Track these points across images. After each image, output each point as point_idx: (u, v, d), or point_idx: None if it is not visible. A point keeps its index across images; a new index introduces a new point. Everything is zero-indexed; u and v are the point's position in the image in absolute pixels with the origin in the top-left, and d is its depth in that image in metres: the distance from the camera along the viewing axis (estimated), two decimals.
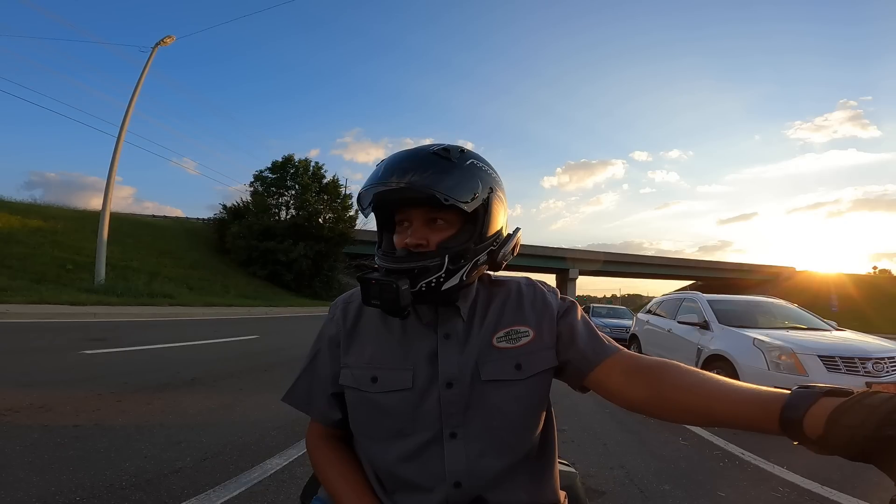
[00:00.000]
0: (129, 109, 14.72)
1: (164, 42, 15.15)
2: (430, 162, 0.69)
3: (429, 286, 0.68)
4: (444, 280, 0.69)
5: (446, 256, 0.68)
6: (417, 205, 0.71)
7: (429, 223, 0.71)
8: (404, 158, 0.71)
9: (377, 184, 0.70)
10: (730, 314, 5.16)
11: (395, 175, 0.68)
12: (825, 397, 0.47)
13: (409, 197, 0.70)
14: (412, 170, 0.68)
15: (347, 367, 0.75)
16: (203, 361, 5.40)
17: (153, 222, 25.87)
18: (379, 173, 0.71)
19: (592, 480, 2.48)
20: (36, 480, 2.00)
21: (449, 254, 0.69)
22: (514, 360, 0.73)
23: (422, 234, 0.70)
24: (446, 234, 0.71)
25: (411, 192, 0.67)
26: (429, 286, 0.68)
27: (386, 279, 0.67)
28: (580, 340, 0.75)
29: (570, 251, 41.48)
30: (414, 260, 0.69)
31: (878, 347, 4.13)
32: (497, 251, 0.74)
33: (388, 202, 0.73)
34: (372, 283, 0.68)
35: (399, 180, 0.68)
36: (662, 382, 0.65)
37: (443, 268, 0.68)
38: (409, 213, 0.72)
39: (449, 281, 0.69)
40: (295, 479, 2.25)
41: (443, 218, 0.71)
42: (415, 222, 0.72)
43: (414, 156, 0.71)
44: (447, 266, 0.68)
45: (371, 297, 0.68)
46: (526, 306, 0.77)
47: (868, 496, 2.43)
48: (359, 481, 0.73)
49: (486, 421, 0.70)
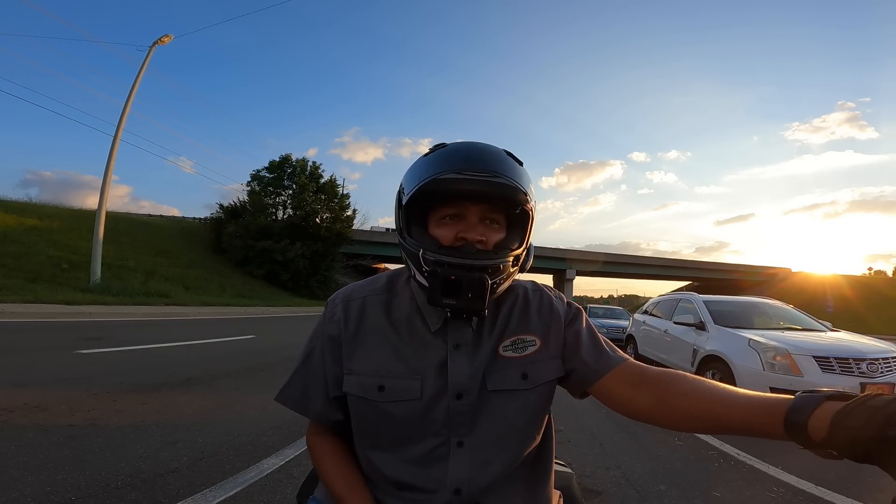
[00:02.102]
0: (126, 108, 14.65)
1: (161, 41, 15.08)
2: (511, 162, 0.68)
3: (492, 287, 0.65)
4: (502, 283, 0.68)
5: (510, 258, 0.68)
6: (480, 200, 0.67)
7: (483, 222, 0.69)
8: (491, 153, 0.68)
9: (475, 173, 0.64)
10: (726, 315, 5.18)
11: (493, 168, 0.65)
12: (828, 401, 0.48)
13: (484, 192, 0.65)
14: (505, 167, 0.66)
15: (352, 373, 0.72)
16: (199, 361, 5.38)
17: (149, 221, 25.76)
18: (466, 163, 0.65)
19: (589, 481, 2.49)
20: (31, 480, 1.99)
21: (511, 255, 0.68)
22: (520, 369, 0.71)
23: (481, 231, 0.68)
24: (499, 235, 0.70)
25: (503, 189, 0.65)
26: (492, 287, 0.65)
27: (470, 273, 0.63)
28: (585, 350, 0.74)
29: (567, 252, 41.52)
30: (487, 257, 0.66)
31: (872, 348, 4.16)
32: (526, 260, 0.74)
33: (448, 193, 0.67)
34: (451, 277, 0.63)
35: (498, 175, 0.65)
36: (668, 391, 0.64)
37: (507, 270, 0.68)
38: (465, 207, 0.68)
39: (503, 285, 0.68)
40: (291, 479, 2.24)
41: (496, 219, 0.70)
42: (470, 218, 0.68)
43: (496, 152, 0.69)
44: (510, 269, 0.68)
45: (447, 294, 0.63)
46: (532, 313, 0.76)
47: (862, 496, 2.44)
48: (355, 478, 0.72)
49: (492, 430, 0.70)
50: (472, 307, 0.64)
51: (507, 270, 0.68)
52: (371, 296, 0.76)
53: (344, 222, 28.38)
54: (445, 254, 0.66)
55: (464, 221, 0.68)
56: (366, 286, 0.78)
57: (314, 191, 27.55)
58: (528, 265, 0.76)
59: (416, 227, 0.71)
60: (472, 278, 0.63)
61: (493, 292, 0.67)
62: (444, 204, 0.68)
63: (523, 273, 0.77)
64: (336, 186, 28.68)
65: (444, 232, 0.68)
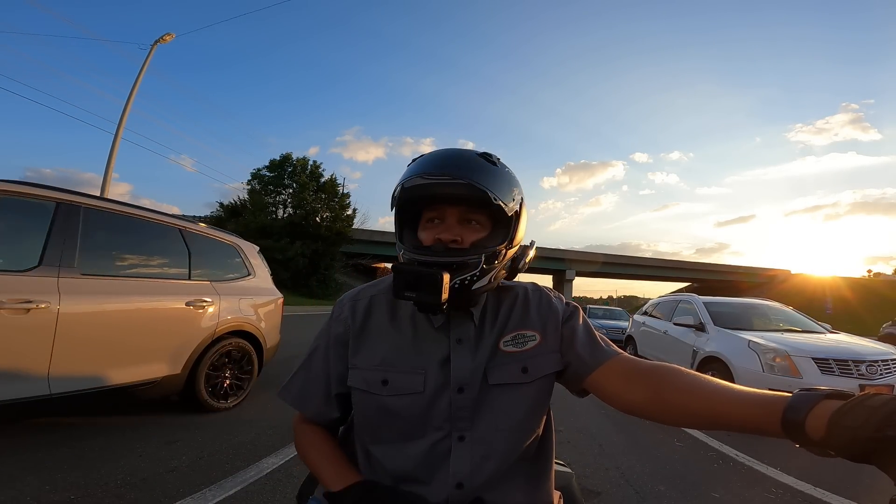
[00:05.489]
0: (127, 106, 14.65)
1: (163, 39, 15.08)
2: (479, 163, 0.71)
3: (462, 283, 0.68)
4: (477, 279, 0.69)
5: (483, 255, 0.69)
6: (455, 203, 0.71)
7: (462, 222, 0.72)
8: (454, 156, 0.71)
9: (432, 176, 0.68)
10: (725, 316, 5.19)
11: (450, 171, 0.68)
12: (827, 399, 0.48)
13: (450, 193, 0.69)
14: (465, 168, 0.69)
15: (356, 368, 0.74)
16: None
17: None
18: (429, 167, 0.70)
19: (588, 481, 2.49)
20: (30, 479, 1.99)
21: (486, 253, 0.69)
22: (520, 363, 0.73)
23: (457, 232, 0.71)
24: (480, 234, 0.73)
25: (464, 188, 0.68)
26: (462, 283, 0.68)
27: (426, 269, 0.65)
28: (579, 344, 0.76)
29: (567, 252, 41.53)
30: (452, 255, 0.69)
31: (871, 350, 4.16)
32: (520, 259, 0.76)
33: (424, 198, 0.71)
34: (408, 272, 0.65)
35: (455, 176, 0.68)
36: (662, 385, 0.65)
37: (479, 266, 0.69)
38: (444, 210, 0.72)
39: (480, 281, 0.69)
40: (291, 479, 2.25)
41: (477, 219, 0.72)
42: (449, 219, 0.72)
43: (463, 155, 0.72)
44: (482, 265, 0.69)
45: (407, 288, 0.65)
46: (532, 311, 0.78)
47: (860, 497, 2.44)
48: (338, 458, 0.74)
49: (493, 424, 0.71)
50: (428, 300, 0.65)
51: (479, 267, 0.69)
52: (377, 295, 0.79)
53: (344, 222, 28.37)
54: (418, 252, 0.70)
55: (444, 223, 0.72)
56: (372, 287, 0.82)
57: (314, 190, 27.55)
58: (523, 263, 0.77)
59: (409, 230, 0.77)
60: (426, 273, 0.65)
61: (469, 289, 0.69)
62: (428, 208, 0.73)
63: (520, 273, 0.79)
64: (336, 186, 28.69)
65: (426, 234, 0.73)
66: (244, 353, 3.53)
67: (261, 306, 3.78)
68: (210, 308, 3.20)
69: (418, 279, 0.65)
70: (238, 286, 3.61)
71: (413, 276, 0.65)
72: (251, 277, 3.81)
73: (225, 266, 3.61)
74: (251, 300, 3.67)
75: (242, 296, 3.58)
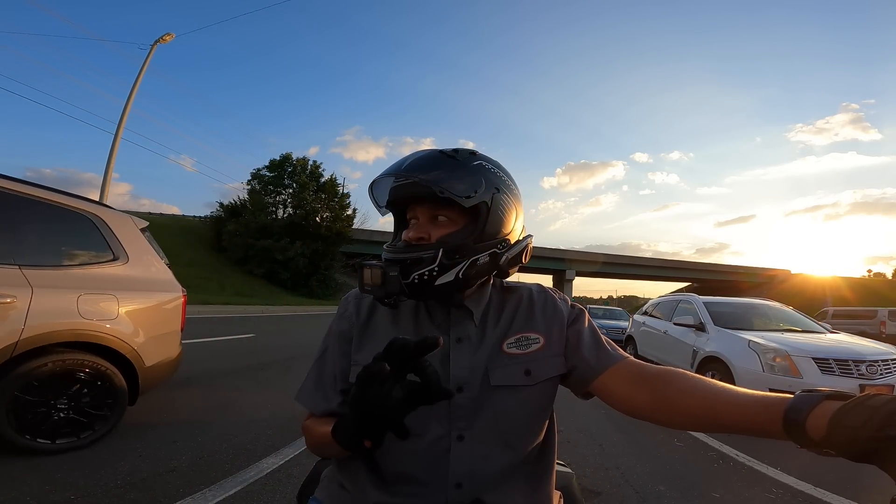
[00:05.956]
0: (127, 106, 14.65)
1: (163, 39, 15.08)
2: (436, 159, 0.72)
3: (421, 279, 0.68)
4: (438, 274, 0.68)
5: (441, 250, 0.69)
6: (423, 201, 0.73)
7: (433, 220, 0.74)
8: (412, 156, 0.74)
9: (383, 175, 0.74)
10: (725, 316, 5.19)
11: (402, 170, 0.72)
12: (827, 400, 0.48)
13: (414, 193, 0.72)
14: (418, 166, 0.71)
15: (359, 364, 0.74)
16: (198, 360, 5.38)
17: (149, 219, 25.60)
18: (386, 171, 0.74)
19: (588, 481, 2.49)
20: (30, 479, 1.99)
21: (444, 248, 0.69)
22: (523, 365, 0.73)
23: (425, 230, 0.73)
24: (447, 230, 0.73)
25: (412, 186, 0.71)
26: (421, 279, 0.68)
27: (377, 264, 0.70)
28: (585, 348, 0.75)
29: (567, 252, 41.52)
30: (409, 251, 0.71)
31: (871, 350, 4.16)
32: (501, 254, 0.73)
33: (398, 199, 0.76)
34: (364, 268, 0.70)
35: (400, 176, 0.72)
36: (667, 389, 0.65)
37: (436, 261, 0.68)
38: (416, 209, 0.75)
39: (443, 276, 0.69)
40: (291, 479, 2.25)
41: (445, 215, 0.73)
42: (420, 218, 0.74)
43: (421, 154, 0.74)
44: (441, 260, 0.68)
45: (363, 283, 0.71)
46: (537, 313, 0.78)
47: (860, 497, 2.44)
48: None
49: (493, 425, 0.71)
50: (378, 294, 0.69)
51: (436, 262, 0.68)
52: None
53: (344, 221, 28.40)
54: (387, 251, 0.74)
55: (417, 222, 0.75)
56: None
57: (314, 190, 27.57)
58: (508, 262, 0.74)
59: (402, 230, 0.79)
60: (373, 268, 0.70)
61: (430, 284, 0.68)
62: (409, 209, 0.77)
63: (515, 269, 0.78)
64: (336, 185, 28.71)
65: (405, 234, 0.76)
66: (99, 376, 2.47)
67: (136, 307, 2.68)
68: (11, 309, 2.16)
69: (371, 275, 0.70)
70: (84, 275, 2.52)
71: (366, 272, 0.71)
72: (118, 263, 2.69)
73: (60, 244, 2.55)
74: (113, 297, 2.57)
75: (94, 290, 2.50)
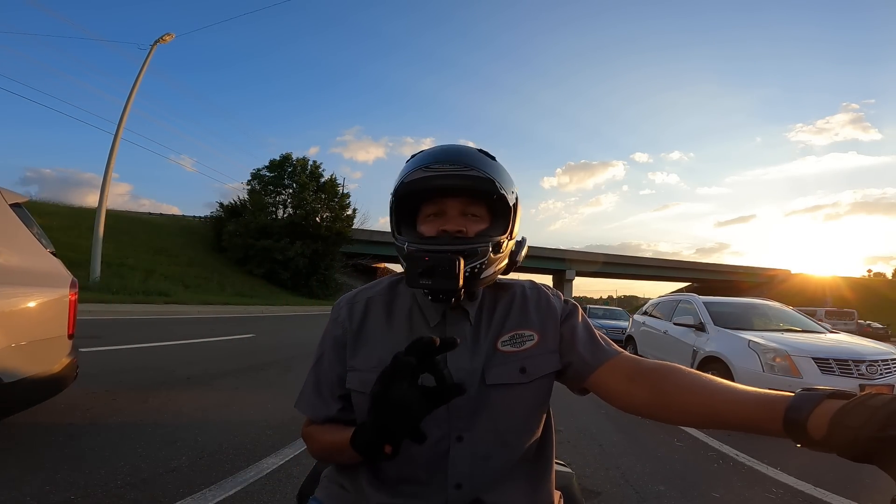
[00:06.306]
0: (127, 106, 14.67)
1: (163, 39, 15.09)
2: (481, 156, 0.72)
3: (472, 271, 0.69)
4: (485, 268, 0.70)
5: (490, 243, 0.70)
6: (456, 194, 0.72)
7: (464, 215, 0.73)
8: (455, 149, 0.73)
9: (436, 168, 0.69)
10: (725, 316, 5.19)
11: (454, 161, 0.70)
12: (828, 399, 0.47)
13: (455, 185, 0.71)
14: (468, 158, 0.70)
15: (355, 370, 0.74)
16: (199, 360, 5.38)
17: (149, 220, 25.78)
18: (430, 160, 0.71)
19: (588, 481, 2.49)
20: (30, 479, 1.99)
21: (492, 242, 0.71)
22: (518, 363, 0.73)
23: (461, 223, 0.72)
24: (482, 226, 0.74)
25: (469, 178, 0.70)
26: (472, 271, 0.69)
27: (445, 255, 0.66)
28: (580, 343, 0.75)
29: (567, 252, 41.56)
30: (461, 243, 0.70)
31: (871, 350, 4.16)
32: (517, 252, 0.77)
33: (426, 190, 0.72)
34: (425, 258, 0.65)
35: (459, 166, 0.69)
36: (664, 384, 0.64)
37: (486, 254, 0.70)
38: (444, 203, 0.73)
39: (486, 270, 0.70)
40: (291, 479, 2.25)
41: (476, 212, 0.74)
42: (450, 212, 0.73)
43: (463, 148, 0.73)
44: (490, 254, 0.70)
45: (422, 275, 0.65)
46: (531, 310, 0.78)
47: (860, 497, 2.44)
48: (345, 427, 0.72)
49: (491, 424, 0.71)
50: (445, 286, 0.66)
51: (486, 255, 0.70)
52: (374, 297, 0.79)
53: (344, 222, 28.43)
54: (424, 242, 0.71)
55: (445, 216, 0.73)
56: (369, 289, 0.82)
57: (314, 190, 27.60)
58: (519, 257, 0.78)
59: (406, 226, 0.77)
60: (442, 258, 0.66)
61: (477, 277, 0.70)
62: (428, 203, 0.74)
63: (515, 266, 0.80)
64: (336, 186, 28.75)
65: (427, 228, 0.74)
66: None
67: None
68: None
69: (434, 265, 0.65)
70: None
71: (429, 262, 0.65)
72: None
73: None
74: None
75: None
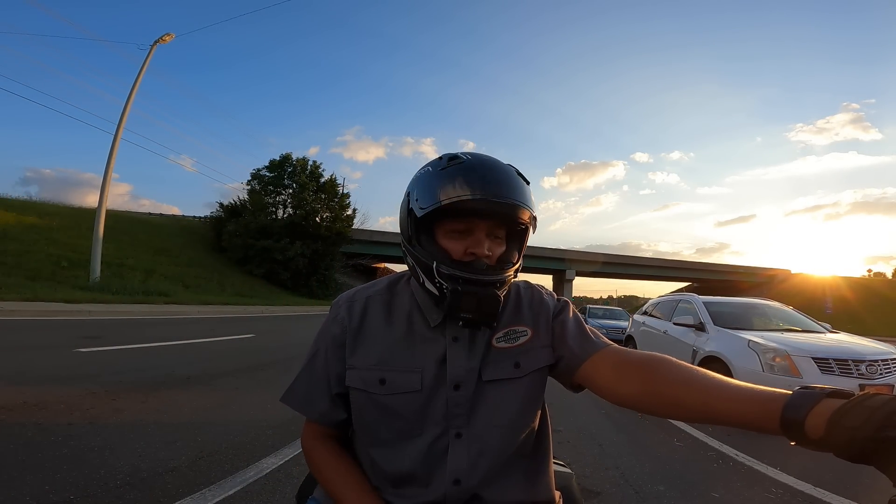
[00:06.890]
0: (127, 106, 14.66)
1: (163, 39, 15.09)
2: (522, 184, 0.73)
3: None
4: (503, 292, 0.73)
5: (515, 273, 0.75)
6: (487, 217, 0.71)
7: (488, 236, 0.73)
8: (506, 178, 0.71)
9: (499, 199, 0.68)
10: (725, 316, 5.18)
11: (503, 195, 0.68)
12: (827, 398, 0.47)
13: (502, 213, 0.70)
14: (516, 192, 0.70)
15: (354, 368, 0.74)
16: (198, 360, 5.38)
17: (149, 220, 25.77)
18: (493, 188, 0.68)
19: (588, 481, 2.49)
20: (30, 479, 1.99)
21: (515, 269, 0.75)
22: (513, 358, 0.75)
23: (488, 246, 0.72)
24: (503, 248, 0.75)
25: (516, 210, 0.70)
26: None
27: (490, 292, 0.69)
28: (570, 337, 0.76)
29: (567, 252, 41.49)
30: (495, 273, 0.71)
31: (871, 350, 4.16)
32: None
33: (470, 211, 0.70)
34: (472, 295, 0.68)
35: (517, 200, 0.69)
36: (656, 377, 0.64)
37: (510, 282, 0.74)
38: (473, 223, 0.71)
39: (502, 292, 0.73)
40: (290, 479, 2.25)
41: (499, 234, 0.75)
42: (478, 233, 0.71)
43: (512, 176, 0.72)
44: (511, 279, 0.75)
45: (466, 309, 0.68)
46: (524, 307, 0.80)
47: (860, 497, 2.44)
48: (358, 480, 0.73)
49: (488, 420, 0.72)
50: (486, 321, 0.70)
51: (510, 282, 0.74)
52: (373, 296, 0.80)
53: (344, 222, 28.40)
54: (459, 268, 0.69)
55: (472, 236, 0.71)
56: (368, 288, 0.82)
57: (314, 190, 27.57)
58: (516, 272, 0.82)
59: (424, 235, 0.73)
60: (488, 295, 0.69)
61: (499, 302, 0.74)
62: (455, 218, 0.71)
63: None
64: (336, 186, 28.72)
65: (453, 245, 0.71)
66: None
67: None
68: None
69: (481, 301, 0.68)
70: None
71: (479, 298, 0.68)
72: None
73: None
74: None
75: None
